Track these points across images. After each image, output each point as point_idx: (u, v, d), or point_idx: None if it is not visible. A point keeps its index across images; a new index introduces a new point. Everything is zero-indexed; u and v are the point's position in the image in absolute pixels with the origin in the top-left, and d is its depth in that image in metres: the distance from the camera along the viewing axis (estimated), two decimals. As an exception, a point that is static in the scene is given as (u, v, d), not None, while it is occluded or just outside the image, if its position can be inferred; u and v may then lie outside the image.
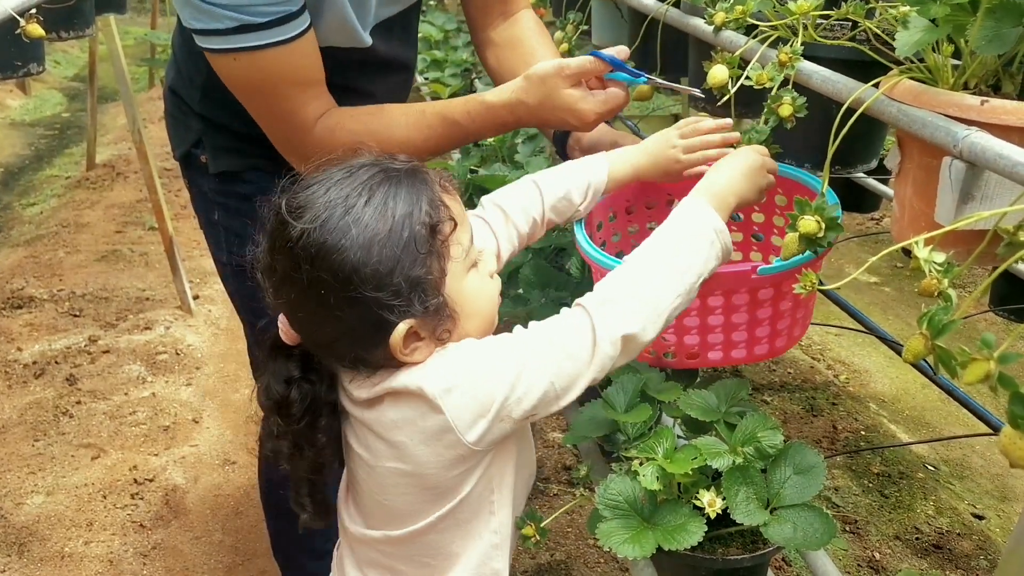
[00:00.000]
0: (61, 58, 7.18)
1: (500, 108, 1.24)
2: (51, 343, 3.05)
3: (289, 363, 0.97)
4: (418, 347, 0.92)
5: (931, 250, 0.70)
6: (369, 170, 0.93)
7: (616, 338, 0.91)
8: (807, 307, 1.20)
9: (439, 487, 0.95)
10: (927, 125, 0.88)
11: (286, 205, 0.91)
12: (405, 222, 0.89)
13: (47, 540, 2.21)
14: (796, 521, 0.97)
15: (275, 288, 0.93)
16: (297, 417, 0.95)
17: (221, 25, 1.12)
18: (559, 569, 2.19)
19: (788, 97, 1.07)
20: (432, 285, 0.91)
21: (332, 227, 0.88)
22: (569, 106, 1.20)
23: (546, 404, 0.92)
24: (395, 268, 0.88)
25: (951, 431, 2.91)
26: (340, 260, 0.87)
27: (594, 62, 1.21)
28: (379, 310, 0.88)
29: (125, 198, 4.39)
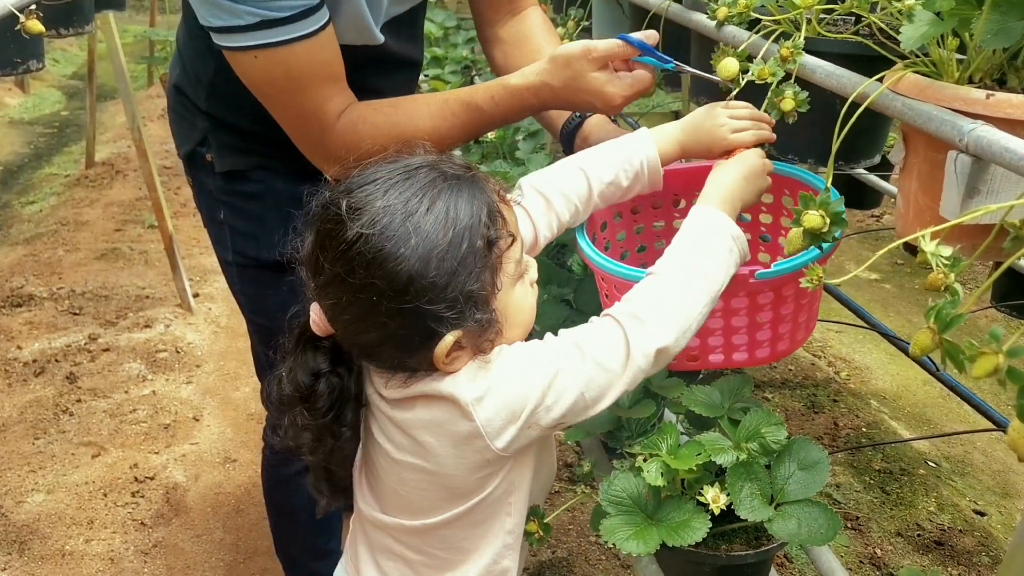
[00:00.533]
0: (60, 56, 7.17)
1: (525, 91, 1.21)
2: (51, 341, 3.05)
3: (318, 355, 0.96)
4: (459, 356, 0.91)
5: (938, 244, 0.69)
6: (429, 173, 0.91)
7: (650, 352, 0.91)
8: (810, 311, 1.19)
9: (460, 488, 0.95)
10: (932, 119, 0.88)
11: (344, 204, 0.88)
12: (465, 235, 0.88)
13: (48, 538, 2.21)
14: (800, 517, 0.97)
15: (320, 287, 0.91)
16: (323, 410, 0.95)
17: (241, 21, 1.10)
18: (561, 566, 2.18)
19: (790, 92, 1.06)
20: (484, 299, 0.90)
21: (391, 234, 0.86)
22: (596, 89, 1.18)
23: (575, 413, 0.91)
24: (451, 282, 0.87)
25: (952, 427, 2.90)
26: (397, 269, 0.85)
27: (622, 46, 1.18)
28: (430, 321, 0.87)
29: (124, 196, 4.39)
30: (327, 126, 1.20)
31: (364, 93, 1.26)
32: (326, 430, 0.96)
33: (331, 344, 0.96)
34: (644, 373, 0.92)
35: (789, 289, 1.11)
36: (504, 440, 0.90)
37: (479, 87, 1.25)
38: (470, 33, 3.68)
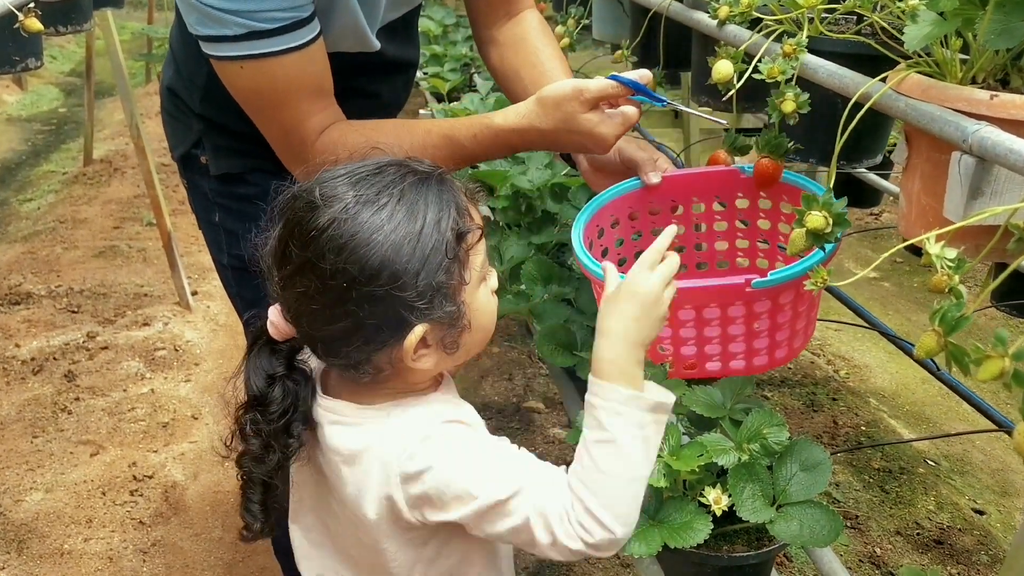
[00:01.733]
0: (57, 53, 7.16)
1: (509, 133, 1.19)
2: (49, 339, 3.04)
3: (274, 359, 0.95)
4: (426, 354, 0.91)
5: (943, 246, 0.69)
6: (398, 169, 0.92)
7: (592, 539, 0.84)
8: (808, 318, 1.19)
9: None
10: (936, 120, 0.87)
11: (317, 192, 0.89)
12: (435, 225, 0.88)
13: (46, 537, 2.21)
14: (802, 518, 0.97)
15: (285, 277, 0.90)
16: (276, 415, 0.93)
17: (229, 32, 1.10)
18: (560, 566, 2.18)
19: (791, 93, 1.06)
20: (453, 291, 0.90)
21: (364, 220, 0.86)
22: (588, 131, 1.15)
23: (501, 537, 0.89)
24: (422, 270, 0.87)
25: (951, 426, 2.91)
26: (369, 255, 0.86)
27: (615, 87, 1.16)
28: (402, 309, 0.87)
29: (123, 194, 4.38)
30: (307, 141, 1.20)
31: (362, 97, 1.25)
32: (275, 439, 0.94)
33: (288, 348, 0.95)
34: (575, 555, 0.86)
35: (786, 297, 1.11)
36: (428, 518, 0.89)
37: (464, 122, 1.23)
38: (469, 31, 3.67)
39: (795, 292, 1.12)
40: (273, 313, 0.95)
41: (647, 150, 1.30)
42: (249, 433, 0.95)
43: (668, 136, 3.49)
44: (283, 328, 0.94)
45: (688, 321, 1.14)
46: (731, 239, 1.35)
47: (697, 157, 3.52)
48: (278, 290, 0.92)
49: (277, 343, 0.95)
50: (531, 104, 1.18)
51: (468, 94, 2.72)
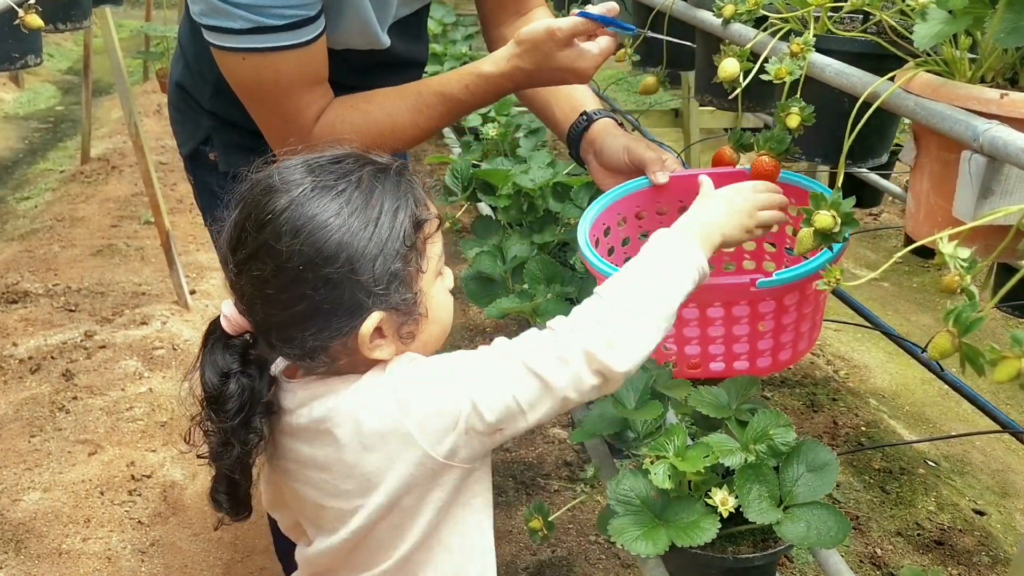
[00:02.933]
0: (54, 51, 7.14)
1: (499, 78, 1.23)
2: (47, 338, 3.03)
3: (227, 354, 0.93)
4: (382, 344, 0.90)
5: (956, 246, 0.69)
6: (357, 159, 0.93)
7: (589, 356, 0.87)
8: (813, 321, 1.18)
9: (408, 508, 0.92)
10: (946, 119, 0.87)
11: (276, 177, 0.89)
12: (393, 213, 0.90)
13: (44, 537, 2.20)
14: (809, 519, 0.96)
15: (240, 262, 0.89)
16: (232, 412, 0.91)
17: (236, 25, 1.10)
18: (560, 565, 2.18)
19: (796, 107, 1.05)
20: (409, 279, 0.90)
21: (322, 203, 0.87)
22: (567, 67, 1.21)
23: (511, 419, 0.88)
24: (379, 255, 0.88)
25: (951, 426, 2.90)
26: (326, 237, 0.86)
27: (585, 23, 1.20)
28: (359, 293, 0.87)
29: (120, 192, 4.36)
30: (305, 130, 1.20)
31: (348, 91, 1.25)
32: (233, 435, 0.92)
33: (242, 344, 0.94)
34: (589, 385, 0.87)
35: (791, 299, 1.11)
36: (445, 447, 0.88)
37: (452, 75, 1.26)
38: (469, 29, 3.67)
39: (800, 294, 1.12)
40: (226, 307, 0.94)
41: (655, 150, 1.31)
42: (207, 429, 0.94)
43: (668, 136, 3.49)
44: (237, 321, 0.93)
45: (692, 320, 1.14)
46: None
47: (697, 157, 3.52)
48: (232, 277, 0.92)
49: (231, 338, 0.94)
50: (511, 47, 1.22)
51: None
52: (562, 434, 2.67)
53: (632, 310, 0.89)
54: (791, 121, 1.03)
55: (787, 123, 1.03)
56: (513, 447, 2.57)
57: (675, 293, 0.92)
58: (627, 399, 1.07)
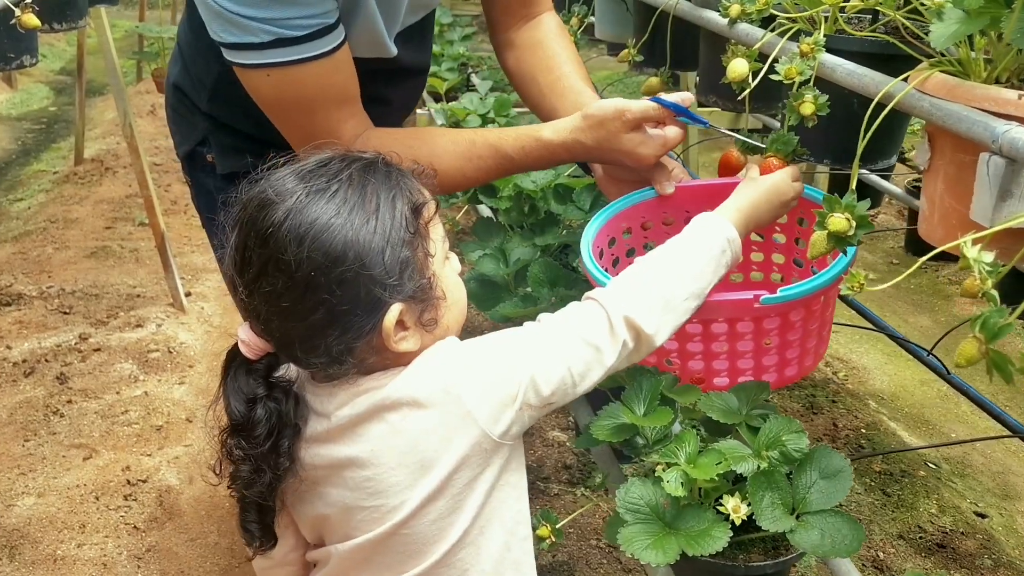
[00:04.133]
0: (47, 51, 7.10)
1: (558, 147, 1.22)
2: (41, 341, 3.00)
3: (251, 380, 0.92)
4: (407, 336, 0.90)
5: (980, 250, 0.67)
6: (343, 159, 0.92)
7: (628, 321, 0.92)
8: (820, 336, 1.17)
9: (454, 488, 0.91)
10: (963, 120, 0.85)
11: (269, 190, 0.88)
12: (391, 203, 0.89)
13: (39, 543, 2.17)
14: (823, 527, 0.95)
15: (249, 282, 0.88)
16: (262, 438, 0.90)
17: (256, 39, 1.07)
18: (561, 570, 2.16)
19: (810, 95, 1.03)
20: (420, 265, 0.90)
21: (319, 207, 0.86)
22: (629, 151, 1.20)
23: (564, 391, 0.91)
24: (386, 246, 0.87)
25: (951, 428, 2.90)
26: (331, 238, 0.85)
27: (657, 109, 1.19)
28: (373, 288, 0.86)
29: (114, 193, 4.33)
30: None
31: (373, 103, 1.23)
32: (264, 461, 0.91)
33: (264, 367, 0.92)
34: (627, 349, 0.93)
35: (797, 315, 1.09)
36: (502, 425, 0.89)
37: (508, 132, 1.24)
38: (466, 30, 3.65)
39: (806, 310, 1.10)
40: (243, 332, 0.92)
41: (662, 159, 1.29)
42: (237, 458, 0.92)
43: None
44: (255, 344, 0.91)
45: (696, 335, 1.12)
46: (745, 252, 1.33)
47: (695, 158, 3.50)
48: (244, 299, 0.90)
49: (252, 362, 0.92)
50: (576, 120, 1.21)
51: (466, 94, 2.70)
52: (561, 437, 2.65)
53: (667, 283, 0.96)
54: (805, 109, 1.01)
55: (801, 111, 1.01)
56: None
57: (708, 271, 0.99)
58: (636, 405, 1.05)
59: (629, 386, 1.09)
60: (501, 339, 0.93)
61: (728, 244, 1.01)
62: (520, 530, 0.97)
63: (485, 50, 4.13)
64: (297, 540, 1.03)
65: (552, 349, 0.91)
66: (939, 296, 3.70)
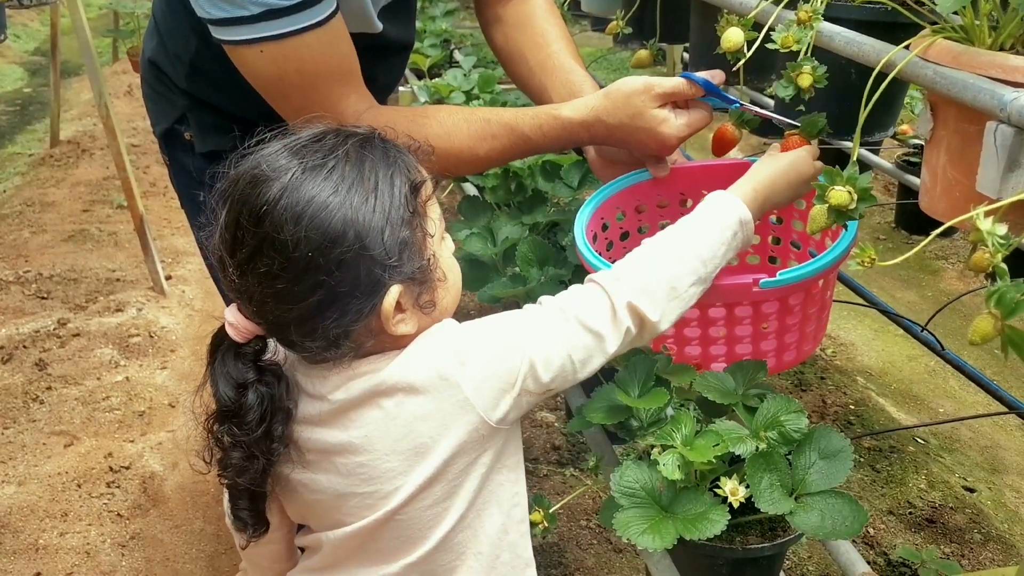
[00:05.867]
0: (21, 31, 6.96)
1: (577, 125, 1.16)
2: (18, 327, 2.94)
3: (239, 363, 0.88)
4: (405, 318, 0.87)
5: (994, 222, 0.64)
6: (337, 134, 0.88)
7: (632, 308, 0.90)
8: (819, 320, 1.14)
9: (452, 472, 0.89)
10: (969, 88, 0.82)
11: (263, 165, 0.84)
12: (389, 181, 0.86)
13: (20, 532, 2.13)
14: (823, 509, 0.93)
15: (242, 262, 0.84)
16: (254, 424, 0.87)
17: (245, 12, 1.03)
18: (552, 551, 2.14)
19: (808, 66, 1.00)
20: (419, 245, 0.87)
21: (316, 185, 0.82)
22: (652, 127, 1.13)
23: (564, 378, 0.89)
24: (386, 226, 0.84)
25: (939, 403, 2.90)
26: (330, 217, 0.82)
27: (688, 85, 1.13)
28: (374, 268, 0.83)
29: (91, 176, 4.25)
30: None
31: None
32: (256, 447, 0.88)
33: (253, 350, 0.89)
34: (630, 335, 0.90)
35: (796, 298, 1.07)
36: (500, 411, 0.87)
37: (526, 112, 1.18)
38: (448, 5, 3.59)
39: (805, 294, 1.07)
40: (230, 314, 0.88)
41: None
42: (227, 445, 0.88)
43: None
44: (244, 327, 0.88)
45: (693, 320, 1.09)
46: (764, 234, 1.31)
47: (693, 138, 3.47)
48: (235, 280, 0.86)
49: (241, 346, 0.89)
50: (599, 98, 1.16)
51: (450, 70, 2.65)
52: (550, 418, 2.63)
53: (673, 267, 0.92)
54: (803, 80, 0.98)
55: (799, 83, 0.98)
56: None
57: (719, 255, 0.95)
58: (631, 386, 1.02)
59: (623, 367, 1.06)
60: (501, 322, 0.90)
61: (740, 226, 0.97)
62: (516, 512, 0.96)
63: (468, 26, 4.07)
64: (282, 518, 1.01)
65: (553, 335, 0.88)
66: (926, 271, 3.69)
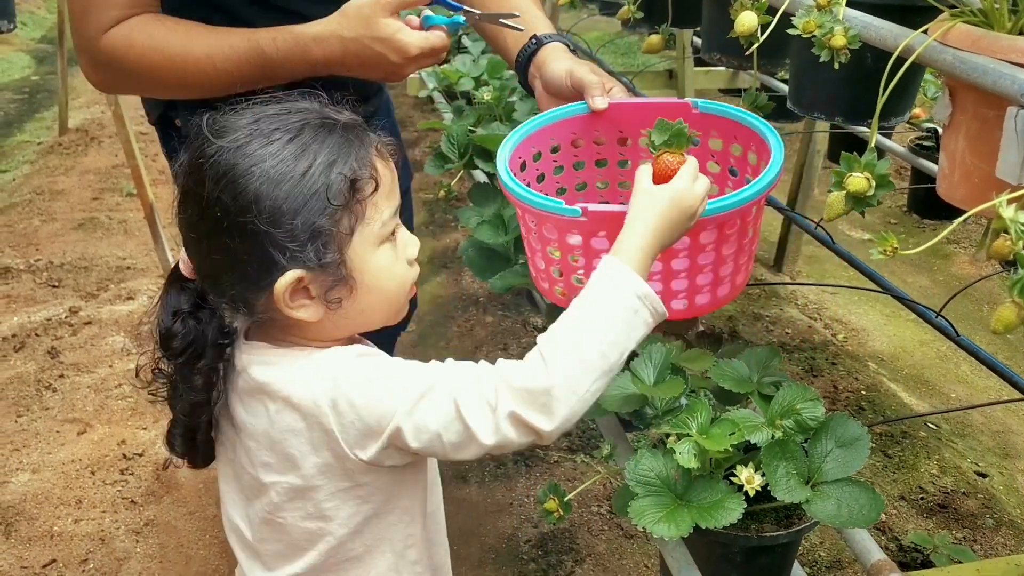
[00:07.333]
0: (27, 19, 6.95)
1: (309, 40, 1.14)
2: (30, 315, 2.96)
3: (181, 296, 0.93)
4: (306, 304, 0.88)
5: (1016, 209, 0.63)
6: (306, 114, 0.89)
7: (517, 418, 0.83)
8: (749, 251, 1.10)
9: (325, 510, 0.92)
10: (989, 73, 0.81)
11: (210, 123, 0.88)
12: (326, 169, 0.86)
13: (35, 519, 2.14)
14: (840, 497, 0.92)
15: (177, 204, 0.90)
16: (177, 351, 0.91)
17: None
18: (563, 537, 2.15)
19: (840, 28, 0.96)
20: (334, 240, 0.86)
21: (248, 152, 0.85)
22: (388, 36, 1.11)
23: (434, 451, 0.87)
24: (299, 210, 0.85)
25: (951, 389, 2.89)
26: (245, 186, 0.84)
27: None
28: (270, 247, 0.84)
29: (100, 163, 4.26)
30: (99, 27, 1.13)
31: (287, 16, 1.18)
32: (180, 376, 0.93)
33: (197, 287, 0.93)
34: (516, 442, 0.84)
35: (732, 227, 1.02)
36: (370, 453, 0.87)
37: (268, 28, 1.17)
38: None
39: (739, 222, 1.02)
40: (183, 251, 0.94)
41: (599, 74, 1.22)
42: (158, 372, 0.94)
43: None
44: (189, 264, 0.93)
45: None
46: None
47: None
48: (174, 219, 0.92)
49: (187, 281, 0.94)
50: (335, 15, 1.15)
51: (458, 56, 2.63)
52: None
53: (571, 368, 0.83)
54: (836, 41, 0.94)
55: (832, 44, 0.94)
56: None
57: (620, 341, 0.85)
58: (646, 374, 1.02)
59: (640, 354, 1.06)
60: (392, 373, 0.89)
61: (641, 301, 0.87)
62: (410, 554, 0.97)
63: (476, 11, 4.04)
64: None
65: (431, 409, 0.85)
66: (937, 256, 3.68)
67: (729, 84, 3.32)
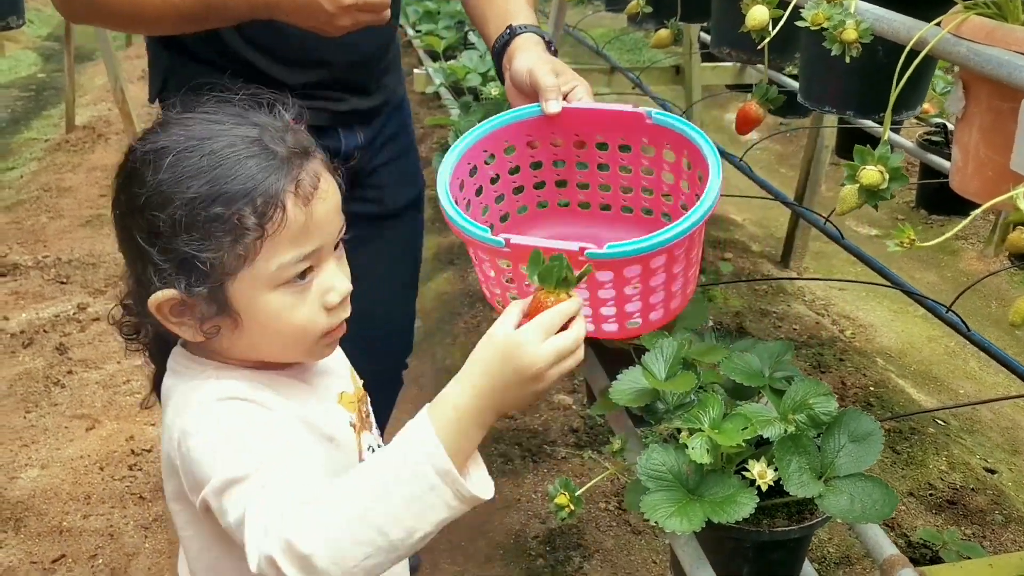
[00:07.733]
0: (34, 16, 6.97)
1: None
2: (39, 312, 2.97)
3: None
4: (186, 324, 0.85)
5: (1034, 202, 0.63)
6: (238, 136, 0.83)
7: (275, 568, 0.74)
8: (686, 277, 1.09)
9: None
10: (1004, 65, 0.81)
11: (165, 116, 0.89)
12: (227, 199, 0.80)
13: (44, 515, 2.15)
14: (853, 492, 0.92)
15: None
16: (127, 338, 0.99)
17: None
18: (571, 533, 2.15)
19: (851, 21, 0.96)
20: (207, 275, 0.81)
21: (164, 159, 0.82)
22: None
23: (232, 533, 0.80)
24: (181, 233, 0.80)
25: (959, 384, 2.88)
26: (138, 193, 0.83)
27: None
28: (145, 264, 0.84)
29: (107, 160, 4.27)
30: None
31: None
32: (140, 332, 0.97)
33: None
34: None
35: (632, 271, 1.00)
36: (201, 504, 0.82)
37: None
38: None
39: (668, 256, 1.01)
40: None
41: (563, 75, 1.20)
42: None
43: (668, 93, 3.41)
44: None
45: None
46: (636, 185, 1.26)
47: (700, 114, 3.44)
48: None
49: None
50: None
51: (465, 52, 2.64)
52: (567, 400, 2.63)
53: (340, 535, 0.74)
54: (847, 35, 0.93)
55: (843, 38, 0.93)
56: (518, 414, 2.53)
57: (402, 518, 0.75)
58: (656, 369, 1.02)
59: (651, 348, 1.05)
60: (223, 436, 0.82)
61: (441, 478, 0.75)
62: None
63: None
64: None
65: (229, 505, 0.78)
66: (945, 251, 3.67)
67: (736, 79, 3.31)
